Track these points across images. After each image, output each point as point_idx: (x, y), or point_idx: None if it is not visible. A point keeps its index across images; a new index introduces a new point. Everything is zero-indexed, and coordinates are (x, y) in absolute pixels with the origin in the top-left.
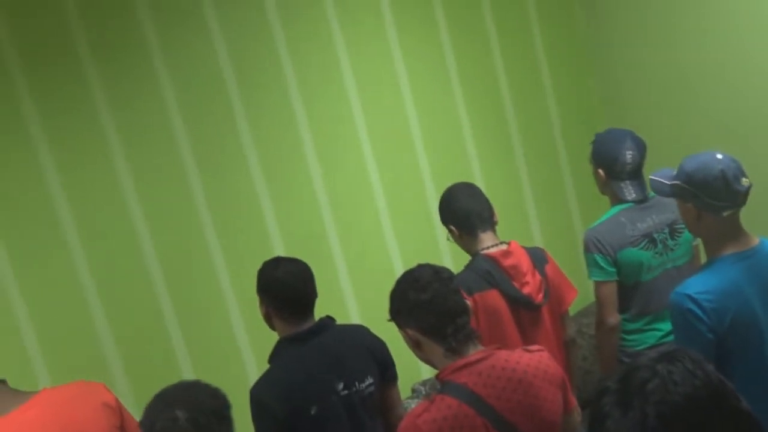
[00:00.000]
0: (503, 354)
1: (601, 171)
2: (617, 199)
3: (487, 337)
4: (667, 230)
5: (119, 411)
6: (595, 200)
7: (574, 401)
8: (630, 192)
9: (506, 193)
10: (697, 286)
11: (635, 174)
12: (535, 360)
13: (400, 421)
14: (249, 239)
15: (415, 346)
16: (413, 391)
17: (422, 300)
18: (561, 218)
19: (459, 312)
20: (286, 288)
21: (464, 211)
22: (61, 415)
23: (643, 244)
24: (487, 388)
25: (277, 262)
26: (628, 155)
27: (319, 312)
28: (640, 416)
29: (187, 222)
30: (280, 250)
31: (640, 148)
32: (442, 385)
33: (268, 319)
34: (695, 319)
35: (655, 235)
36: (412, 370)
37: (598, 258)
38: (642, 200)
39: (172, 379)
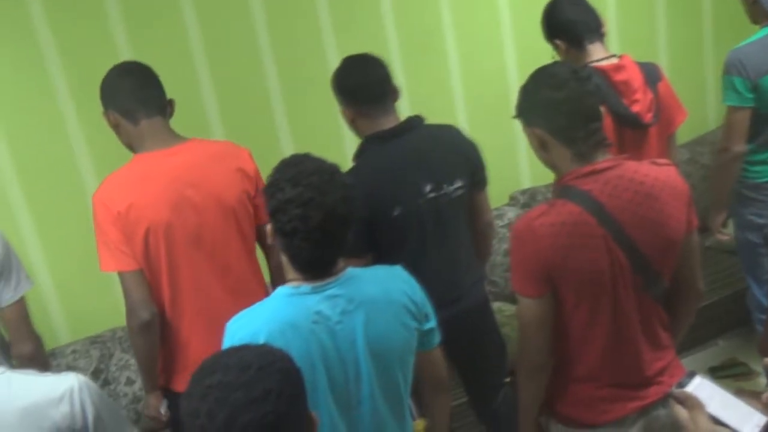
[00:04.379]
0: (632, 165)
1: None
2: None
3: None
4: None
5: (255, 180)
6: (732, 20)
7: (696, 221)
8: None
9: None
10: None
11: None
12: (663, 174)
13: (487, 227)
14: (365, 32)
15: (540, 147)
16: (511, 198)
17: (556, 98)
18: (692, 35)
19: (593, 116)
20: (359, 81)
21: (569, 22)
22: (199, 169)
23: None
24: (612, 198)
25: (346, 61)
26: None
27: (428, 111)
28: None
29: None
30: (394, 45)
31: None
32: (563, 189)
33: (353, 123)
34: None
35: None
36: (512, 178)
37: (737, 81)
38: None
39: (274, 154)
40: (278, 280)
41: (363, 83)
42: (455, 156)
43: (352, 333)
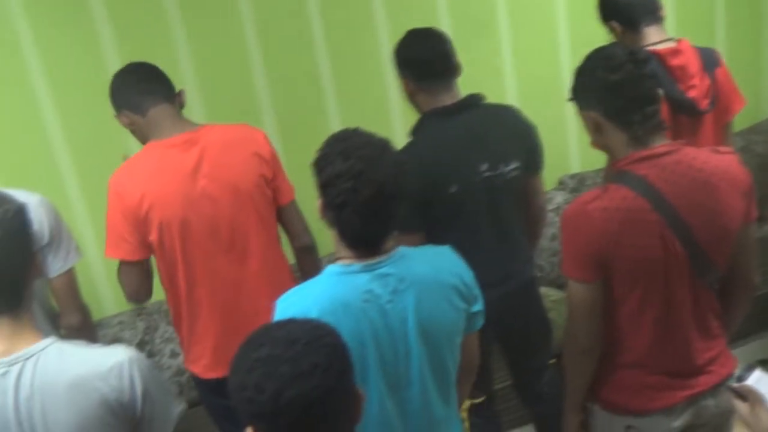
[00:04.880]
0: (691, 151)
1: None
2: None
3: None
4: None
5: (272, 163)
6: None
7: (755, 212)
8: None
9: None
10: None
11: None
12: (724, 162)
13: (539, 210)
14: (417, 11)
15: (595, 131)
16: (560, 183)
17: (612, 81)
18: (751, 20)
19: (650, 99)
20: (423, 55)
21: (627, 4)
22: (213, 158)
23: None
24: (668, 184)
25: (410, 34)
26: None
27: (477, 91)
28: None
29: None
30: (446, 24)
31: None
32: (618, 174)
33: (413, 97)
34: None
35: None
36: (561, 163)
37: None
38: None
39: (322, 131)
40: (303, 262)
41: (426, 58)
42: (513, 137)
43: (403, 312)
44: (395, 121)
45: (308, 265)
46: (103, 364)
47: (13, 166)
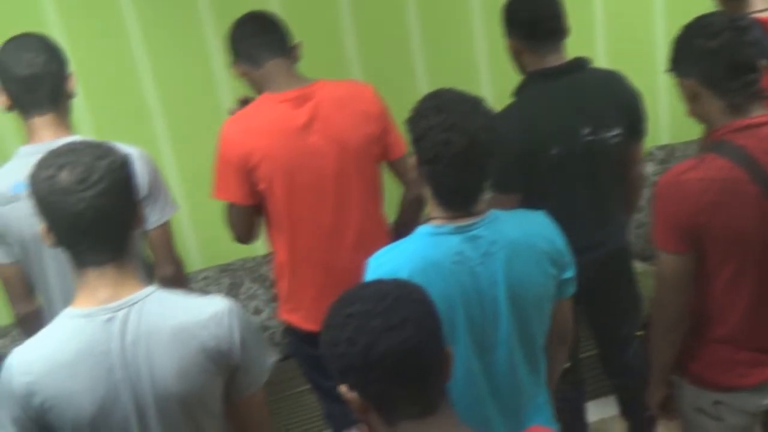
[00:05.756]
0: None
1: None
2: None
3: None
4: None
5: (381, 120)
6: None
7: None
8: None
9: None
10: None
11: None
12: None
13: (638, 178)
14: None
15: (691, 99)
16: (649, 154)
17: (709, 48)
18: None
19: (749, 68)
20: (533, 14)
21: None
22: (323, 115)
23: None
24: None
25: None
26: None
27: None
28: None
29: None
30: None
31: None
32: (715, 144)
33: (519, 56)
34: None
35: None
36: (652, 133)
37: None
38: None
39: (410, 95)
40: (407, 213)
41: (537, 17)
42: (617, 103)
43: (492, 275)
44: (484, 85)
45: (410, 217)
46: (203, 313)
47: (108, 120)
